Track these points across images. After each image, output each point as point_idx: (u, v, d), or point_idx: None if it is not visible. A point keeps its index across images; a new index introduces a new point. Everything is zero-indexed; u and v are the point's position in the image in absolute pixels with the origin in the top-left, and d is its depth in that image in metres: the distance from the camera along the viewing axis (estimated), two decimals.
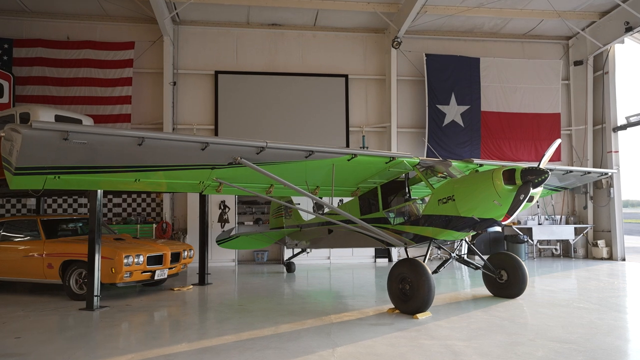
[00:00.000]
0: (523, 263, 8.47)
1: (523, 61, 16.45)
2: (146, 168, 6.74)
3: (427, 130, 15.44)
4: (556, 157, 14.94)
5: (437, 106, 15.58)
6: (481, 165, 8.84)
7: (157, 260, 9.26)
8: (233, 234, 12.61)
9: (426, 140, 15.15)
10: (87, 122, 11.36)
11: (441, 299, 8.59)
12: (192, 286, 10.44)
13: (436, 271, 8.07)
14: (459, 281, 11.15)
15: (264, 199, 9.81)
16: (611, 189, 15.29)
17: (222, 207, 14.60)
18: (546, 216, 16.38)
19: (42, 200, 13.22)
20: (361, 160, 7.64)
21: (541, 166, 6.66)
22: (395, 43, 15.25)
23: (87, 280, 8.33)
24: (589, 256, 15.84)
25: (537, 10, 15.09)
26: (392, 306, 7.59)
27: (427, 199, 8.19)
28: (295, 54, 16.04)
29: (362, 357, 5.25)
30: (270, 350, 5.51)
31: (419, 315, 7.08)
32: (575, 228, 15.88)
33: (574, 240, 15.81)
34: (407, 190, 8.54)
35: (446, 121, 15.59)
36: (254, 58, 15.81)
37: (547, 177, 6.40)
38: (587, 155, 16.06)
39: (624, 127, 15.29)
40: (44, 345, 5.90)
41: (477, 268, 8.64)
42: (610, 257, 15.19)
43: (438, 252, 14.80)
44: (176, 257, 9.76)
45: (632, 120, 15.07)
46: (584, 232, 15.93)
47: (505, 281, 8.50)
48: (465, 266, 9.34)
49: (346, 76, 16.04)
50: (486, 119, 15.88)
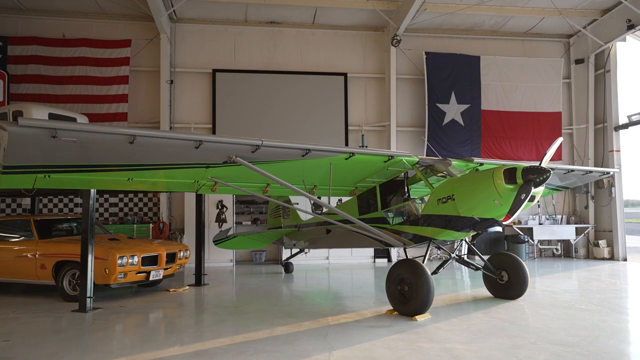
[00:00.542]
0: (524, 263, 8.34)
1: (524, 59, 16.29)
2: (139, 167, 6.59)
3: (426, 129, 15.29)
4: (557, 156, 14.81)
5: (437, 105, 15.44)
6: (481, 164, 8.72)
7: (152, 260, 9.11)
8: (230, 234, 12.46)
9: (426, 139, 15.00)
10: (81, 120, 11.24)
11: (441, 300, 8.46)
12: (188, 287, 10.29)
13: (436, 272, 7.95)
14: (458, 282, 11.01)
15: (261, 198, 9.65)
16: (612, 188, 15.15)
17: (220, 206, 14.46)
18: (547, 216, 16.23)
19: (37, 199, 13.07)
20: (359, 159, 7.49)
21: (543, 165, 6.52)
22: (395, 41, 15.09)
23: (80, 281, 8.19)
24: (590, 256, 15.69)
25: (538, 8, 14.94)
26: (391, 308, 7.46)
27: (426, 198, 8.06)
28: (293, 52, 15.88)
29: None
30: (265, 354, 5.37)
31: (418, 317, 6.94)
32: (576, 228, 15.73)
33: (575, 240, 15.66)
34: (406, 190, 8.39)
35: (446, 120, 15.45)
36: (252, 56, 15.66)
37: (549, 176, 6.26)
38: (588, 155, 15.92)
39: (625, 126, 15.15)
40: (32, 348, 5.76)
41: (477, 269, 8.50)
42: (612, 258, 15.05)
43: (438, 252, 14.68)
44: (172, 258, 9.62)
45: (634, 119, 14.94)
46: (585, 232, 15.78)
47: (505, 282, 8.38)
48: (465, 267, 9.21)
49: (345, 75, 15.88)
50: (486, 117, 15.73)
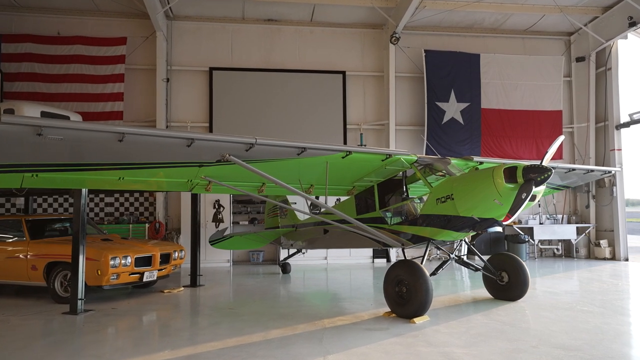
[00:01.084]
0: (524, 264, 8.19)
1: (524, 57, 16.10)
2: (130, 166, 6.44)
3: (426, 127, 15.12)
4: (558, 155, 14.65)
5: (437, 103, 15.27)
6: (481, 163, 8.57)
7: (145, 261, 8.94)
8: (227, 234, 12.30)
9: (425, 138, 14.82)
10: (74, 119, 11.09)
11: (440, 301, 8.29)
12: (183, 288, 10.12)
13: (435, 273, 7.79)
14: (458, 283, 10.84)
15: (257, 198, 9.51)
16: (614, 187, 14.98)
17: (217, 206, 14.31)
18: (547, 215, 16.06)
19: (31, 199, 12.90)
20: (356, 157, 7.32)
21: (544, 164, 6.36)
22: (394, 39, 14.91)
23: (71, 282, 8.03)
24: (591, 256, 15.53)
25: (538, 6, 14.77)
26: (389, 310, 7.29)
27: (425, 198, 7.89)
28: (291, 50, 15.70)
29: None
30: (257, 359, 5.20)
31: (416, 319, 6.78)
32: (577, 228, 15.57)
33: (575, 240, 15.49)
34: (404, 189, 8.22)
35: (446, 118, 15.28)
36: (250, 54, 15.49)
37: (550, 175, 6.11)
38: (589, 154, 15.75)
39: (626, 125, 14.99)
40: (20, 352, 5.60)
41: (477, 269, 8.33)
42: (613, 257, 14.89)
43: (437, 252, 14.52)
44: (166, 258, 9.45)
45: (636, 117, 14.79)
46: (586, 231, 15.61)
47: (506, 283, 8.22)
48: (465, 267, 9.05)
49: (344, 73, 15.70)
50: (486, 116, 15.56)
